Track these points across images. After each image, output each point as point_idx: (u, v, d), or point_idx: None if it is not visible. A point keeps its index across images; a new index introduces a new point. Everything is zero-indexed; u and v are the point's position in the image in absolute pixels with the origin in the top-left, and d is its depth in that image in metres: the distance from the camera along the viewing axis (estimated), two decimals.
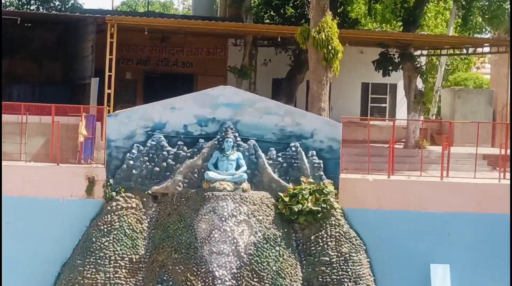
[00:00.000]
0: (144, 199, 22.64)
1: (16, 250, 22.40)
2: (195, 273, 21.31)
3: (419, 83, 40.37)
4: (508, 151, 28.64)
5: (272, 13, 38.46)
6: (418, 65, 39.88)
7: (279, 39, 36.12)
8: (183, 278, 21.35)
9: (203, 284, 21.23)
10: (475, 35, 40.06)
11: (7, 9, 35.76)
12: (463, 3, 38.27)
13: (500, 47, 38.67)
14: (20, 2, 36.03)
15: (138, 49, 35.50)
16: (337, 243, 22.26)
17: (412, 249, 23.15)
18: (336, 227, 22.51)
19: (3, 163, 24.05)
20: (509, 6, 36.13)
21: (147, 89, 33.51)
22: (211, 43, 37.58)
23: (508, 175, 25.87)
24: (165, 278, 21.55)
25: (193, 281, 21.24)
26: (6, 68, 35.55)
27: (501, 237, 23.33)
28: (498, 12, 36.37)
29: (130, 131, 22.99)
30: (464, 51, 44.35)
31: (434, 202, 23.72)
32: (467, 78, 56.74)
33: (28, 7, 35.81)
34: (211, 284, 21.25)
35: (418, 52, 40.71)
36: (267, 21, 38.27)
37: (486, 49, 41.49)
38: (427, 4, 39.38)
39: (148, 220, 22.53)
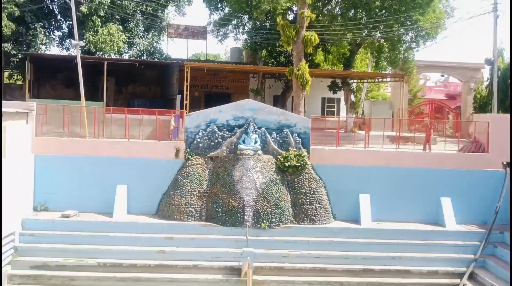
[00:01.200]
0: (206, 160, 22.93)
1: (138, 187, 22.97)
2: (233, 197, 21.86)
3: (352, 97, 41.10)
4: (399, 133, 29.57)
5: (273, 60, 38.60)
6: (352, 88, 40.17)
7: (276, 74, 36.37)
8: (227, 201, 21.80)
9: (237, 204, 21.67)
10: (382, 72, 40.15)
11: (131, 57, 36.33)
12: (376, 55, 38.53)
13: (395, 78, 39.00)
14: (137, 54, 36.04)
15: (201, 79, 35.39)
16: (308, 182, 22.68)
17: (349, 186, 23.17)
18: (308, 174, 22.84)
19: (131, 140, 24.69)
20: (401, 56, 36.57)
21: (206, 101, 33.73)
22: (240, 76, 37.53)
23: (401, 146, 26.33)
24: (217, 201, 21.98)
25: (232, 203, 21.68)
26: (132, 90, 36.23)
27: (397, 179, 23.46)
28: (394, 59, 36.69)
29: (197, 123, 23.25)
30: (376, 80, 43.98)
31: (361, 160, 23.76)
32: (378, 95, 57.59)
33: (142, 57, 35.93)
34: (241, 204, 21.75)
35: (352, 81, 41.13)
36: (270, 64, 38.38)
37: (388, 79, 41.41)
38: (356, 55, 39.72)
39: (208, 170, 22.80)
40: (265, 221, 21.89)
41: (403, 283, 20.54)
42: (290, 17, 34.82)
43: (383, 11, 33.70)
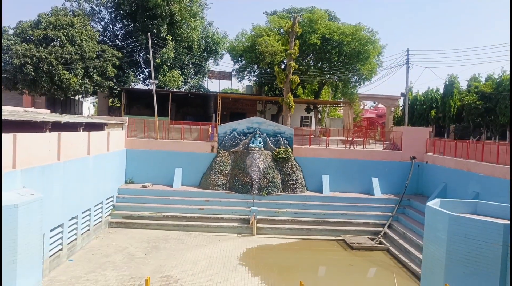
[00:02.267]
0: (229, 153, 22.73)
1: (188, 169, 22.88)
2: (246, 176, 21.83)
3: (319, 116, 41.01)
4: (347, 138, 29.56)
5: (271, 92, 38.40)
6: (319, 110, 40.18)
7: (273, 101, 36.32)
8: (241, 178, 21.83)
9: (247, 180, 21.67)
10: (337, 100, 40.11)
11: (182, 89, 36.71)
12: (334, 90, 38.61)
13: (345, 104, 38.89)
14: (189, 88, 36.38)
15: (227, 104, 35.25)
16: (291, 167, 22.55)
17: (316, 170, 23.05)
18: (291, 162, 22.68)
19: (185, 140, 24.59)
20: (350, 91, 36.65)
21: (231, 117, 33.53)
22: (251, 102, 36.97)
23: (350, 146, 26.55)
24: (235, 178, 21.90)
25: (245, 179, 21.68)
26: (186, 110, 36.05)
27: (345, 166, 23.34)
28: (345, 93, 36.83)
29: (225, 131, 23.10)
30: (334, 105, 44.01)
31: (324, 154, 23.59)
32: (335, 114, 56.51)
33: (192, 90, 36.22)
34: (250, 180, 21.74)
35: (319, 106, 41.04)
36: (270, 94, 38.16)
37: (340, 105, 41.30)
38: (322, 90, 39.55)
39: (230, 160, 22.60)
40: (264, 191, 21.87)
41: (347, 229, 20.47)
42: (282, 66, 34.79)
43: (339, 63, 33.74)
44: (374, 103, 58.63)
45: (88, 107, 51.75)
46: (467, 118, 34.03)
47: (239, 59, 37.52)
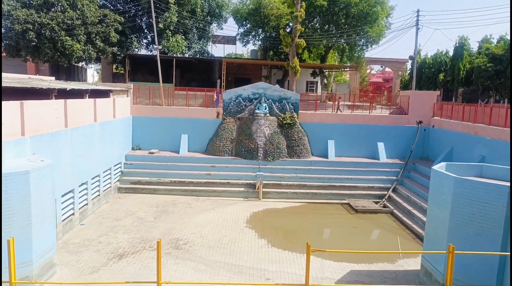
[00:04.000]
0: (235, 119, 22.73)
1: (194, 135, 22.96)
2: (251, 142, 21.96)
3: (325, 81, 40.57)
4: (353, 103, 29.24)
5: (277, 57, 37.84)
6: (325, 75, 39.68)
7: (279, 66, 35.81)
8: (247, 144, 21.94)
9: (253, 146, 21.81)
10: (343, 64, 39.55)
11: (186, 55, 36.19)
12: (340, 54, 37.97)
13: (352, 68, 38.48)
14: (194, 54, 35.94)
15: (232, 69, 34.88)
16: (297, 133, 22.55)
17: (322, 135, 23.01)
18: (297, 128, 22.66)
19: (190, 107, 24.38)
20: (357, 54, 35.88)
21: (235, 83, 33.24)
22: (256, 67, 36.56)
23: (354, 111, 26.19)
24: (241, 144, 22.07)
25: (250, 144, 21.81)
26: (190, 76, 35.73)
27: (351, 131, 23.27)
28: (352, 57, 36.28)
29: (230, 97, 22.96)
30: (340, 69, 43.55)
31: (329, 119, 23.46)
32: (341, 79, 55.90)
33: (196, 56, 35.75)
34: (256, 145, 21.84)
35: (325, 70, 40.49)
36: (275, 59, 37.59)
37: (347, 69, 40.85)
38: (328, 54, 38.97)
39: (236, 126, 22.64)
40: (270, 157, 22.01)
41: (353, 193, 20.68)
42: (288, 29, 33.99)
43: (346, 25, 32.89)
44: (381, 67, 57.47)
45: (92, 74, 51.41)
46: (476, 81, 33.40)
47: (244, 23, 36.70)
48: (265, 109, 22.99)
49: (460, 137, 20.14)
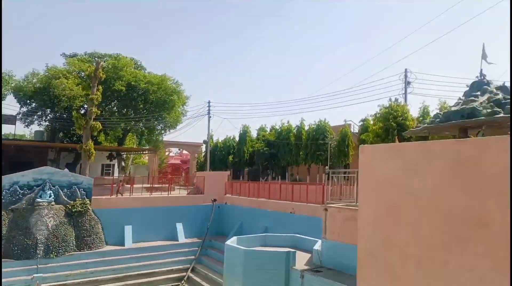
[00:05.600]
0: (7, 212, 18.45)
1: None
2: (29, 238, 17.70)
3: (122, 163, 38.89)
4: (151, 185, 28.33)
5: (68, 139, 34.13)
6: (123, 157, 38.33)
7: (70, 148, 32.69)
8: (22, 242, 17.88)
9: (31, 242, 17.86)
10: (142, 147, 39.32)
11: None
12: (139, 137, 37.91)
13: (151, 151, 38.26)
14: None
15: (16, 153, 29.43)
16: (89, 221, 19.70)
17: (119, 220, 20.89)
18: (89, 215, 19.86)
19: None
20: None
21: (13, 168, 27.92)
22: (41, 149, 31.43)
23: (153, 193, 25.65)
24: (13, 243, 18.08)
25: (26, 241, 17.64)
26: None
27: (149, 214, 22.19)
28: (150, 140, 36.77)
29: (2, 185, 19.54)
30: (139, 152, 42.97)
31: (127, 204, 21.98)
32: (140, 161, 54.20)
33: None
34: (35, 241, 17.76)
35: (123, 153, 39.11)
36: (66, 141, 33.99)
37: (146, 152, 40.51)
38: (126, 137, 38.13)
39: (8, 220, 18.24)
40: (53, 253, 18.27)
41: (151, 280, 19.27)
42: (82, 111, 31.74)
43: (144, 111, 33.45)
44: (179, 149, 60.17)
45: None
46: (257, 162, 38.61)
47: (28, 101, 32.63)
48: (50, 196, 19.65)
49: (248, 211, 22.10)
